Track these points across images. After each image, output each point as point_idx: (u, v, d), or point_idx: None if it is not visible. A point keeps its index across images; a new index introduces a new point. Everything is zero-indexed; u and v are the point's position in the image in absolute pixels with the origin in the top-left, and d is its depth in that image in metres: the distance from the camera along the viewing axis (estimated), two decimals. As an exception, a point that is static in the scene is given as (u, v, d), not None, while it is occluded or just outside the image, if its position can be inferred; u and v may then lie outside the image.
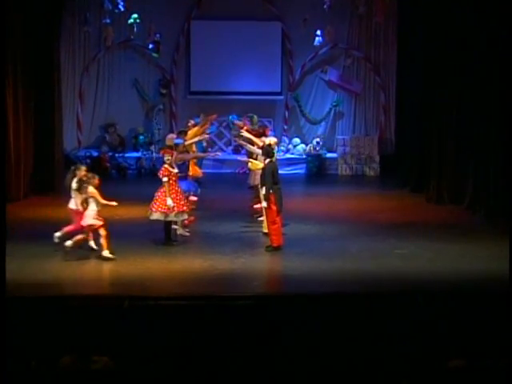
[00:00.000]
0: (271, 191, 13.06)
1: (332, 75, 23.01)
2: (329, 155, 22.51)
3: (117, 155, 21.76)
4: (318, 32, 21.57)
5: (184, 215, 13.48)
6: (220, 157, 20.42)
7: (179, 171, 13.49)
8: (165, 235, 13.38)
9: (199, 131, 15.57)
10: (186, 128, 16.07)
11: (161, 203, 13.08)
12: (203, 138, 15.87)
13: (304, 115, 23.30)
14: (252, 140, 14.86)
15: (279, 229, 13.26)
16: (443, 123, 17.34)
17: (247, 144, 14.89)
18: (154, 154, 21.50)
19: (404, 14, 20.38)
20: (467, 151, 16.52)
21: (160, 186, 13.18)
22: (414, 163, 18.91)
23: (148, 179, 19.47)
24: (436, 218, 15.78)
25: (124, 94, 22.89)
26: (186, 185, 14.13)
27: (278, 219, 13.22)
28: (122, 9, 20.73)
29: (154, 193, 13.24)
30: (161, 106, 22.94)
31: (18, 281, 10.78)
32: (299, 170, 22.15)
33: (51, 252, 12.72)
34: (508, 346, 8.69)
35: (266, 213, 13.41)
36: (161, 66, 22.90)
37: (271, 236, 13.25)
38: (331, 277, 11.71)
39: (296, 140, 22.93)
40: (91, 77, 22.77)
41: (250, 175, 15.36)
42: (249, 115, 17.49)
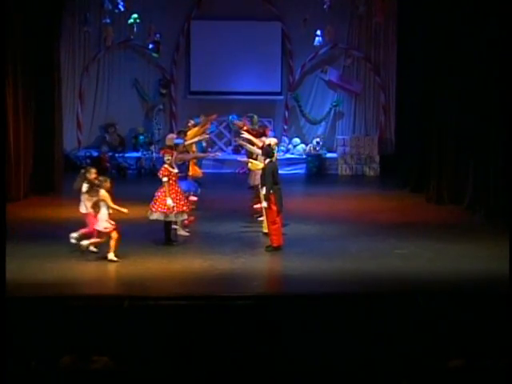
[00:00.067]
0: (271, 191, 13.05)
1: (332, 75, 23.00)
2: (329, 155, 22.50)
3: (117, 155, 21.75)
4: (318, 32, 21.60)
5: (184, 215, 13.48)
6: (220, 157, 20.42)
7: (179, 171, 13.49)
8: (165, 235, 13.38)
9: (199, 131, 15.57)
10: (186, 128, 16.07)
11: (161, 203, 13.08)
12: (203, 138, 15.88)
13: (304, 115, 23.29)
14: (252, 141, 14.86)
15: (279, 229, 13.26)
16: (443, 123, 17.33)
17: (247, 144, 14.89)
18: (154, 154, 21.48)
19: (404, 14, 20.38)
20: (467, 151, 16.52)
21: (160, 186, 13.19)
22: (414, 163, 18.90)
23: (148, 179, 19.47)
24: (436, 218, 15.78)
25: (124, 94, 22.88)
26: (186, 185, 14.13)
27: (278, 219, 13.21)
28: (122, 9, 20.74)
29: (154, 193, 13.24)
30: (161, 106, 22.93)
31: (18, 281, 10.77)
32: (299, 170, 22.14)
33: (51, 252, 12.74)
34: (508, 346, 8.68)
35: (266, 213, 13.41)
36: (161, 66, 22.90)
37: (271, 236, 13.25)
38: (331, 277, 11.71)
39: (296, 140, 22.91)
40: (91, 77, 22.76)
41: (250, 175, 15.35)
42: (249, 115, 17.51)
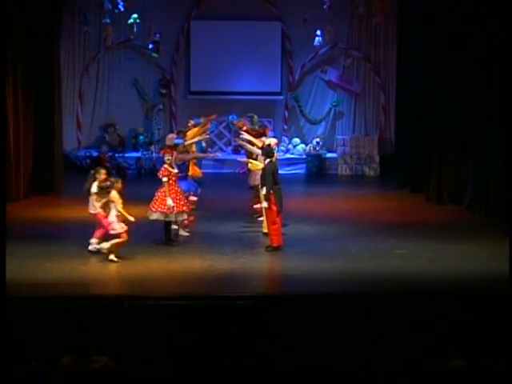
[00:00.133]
0: (271, 191, 13.05)
1: (332, 75, 23.00)
2: (329, 155, 22.49)
3: (117, 155, 21.74)
4: (318, 32, 21.60)
5: (184, 215, 13.48)
6: (220, 157, 20.42)
7: (179, 171, 13.49)
8: (165, 235, 13.38)
9: (199, 131, 15.56)
10: (186, 128, 16.06)
11: (161, 203, 13.08)
12: (203, 139, 15.87)
13: (304, 115, 23.28)
14: (251, 141, 14.85)
15: (279, 229, 13.26)
16: (443, 123, 17.33)
17: (246, 144, 14.88)
18: (154, 154, 21.48)
19: (404, 14, 20.38)
20: (467, 151, 16.52)
21: (160, 186, 13.19)
22: (414, 163, 18.89)
23: (148, 179, 19.46)
24: (436, 218, 15.77)
25: (124, 94, 22.87)
26: (186, 185, 14.13)
27: (278, 219, 13.21)
28: (122, 9, 20.73)
29: (154, 193, 13.25)
30: (161, 106, 22.92)
31: (18, 281, 10.78)
32: (299, 170, 22.14)
33: (51, 252, 12.74)
34: (508, 346, 8.69)
35: (266, 213, 13.40)
36: (161, 66, 22.89)
37: (271, 236, 13.25)
38: (331, 277, 11.70)
39: (296, 140, 22.91)
40: (91, 77, 22.75)
41: (250, 175, 15.34)
42: (249, 115, 17.48)
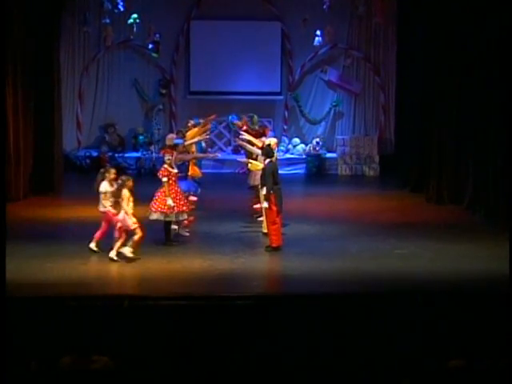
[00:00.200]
0: (271, 191, 13.05)
1: (332, 75, 22.99)
2: (328, 155, 22.49)
3: (116, 155, 21.74)
4: (318, 32, 21.56)
5: (184, 215, 13.47)
6: (220, 157, 20.40)
7: (179, 171, 13.49)
8: (165, 235, 13.38)
9: (200, 131, 15.55)
10: (186, 128, 16.05)
11: (160, 203, 13.08)
12: (203, 139, 15.86)
13: (304, 115, 23.28)
14: (251, 141, 14.85)
15: (279, 229, 13.25)
16: (443, 123, 17.33)
17: (246, 145, 14.88)
18: (154, 154, 21.47)
19: (404, 14, 20.37)
20: (467, 151, 16.52)
21: (160, 186, 13.19)
22: (414, 163, 18.89)
23: (148, 179, 19.39)
24: (436, 218, 15.77)
25: (124, 94, 22.87)
26: (186, 185, 14.12)
27: (278, 219, 13.20)
28: (122, 9, 20.71)
29: (154, 193, 13.24)
30: (160, 106, 22.91)
31: (18, 281, 10.77)
32: (299, 170, 22.13)
33: (51, 252, 12.74)
34: (508, 346, 8.69)
35: (266, 213, 13.40)
36: (160, 66, 22.88)
37: (271, 236, 13.24)
38: (331, 277, 11.70)
39: (296, 140, 22.90)
40: (91, 77, 22.74)
41: (250, 175, 15.33)
42: (249, 115, 17.50)
